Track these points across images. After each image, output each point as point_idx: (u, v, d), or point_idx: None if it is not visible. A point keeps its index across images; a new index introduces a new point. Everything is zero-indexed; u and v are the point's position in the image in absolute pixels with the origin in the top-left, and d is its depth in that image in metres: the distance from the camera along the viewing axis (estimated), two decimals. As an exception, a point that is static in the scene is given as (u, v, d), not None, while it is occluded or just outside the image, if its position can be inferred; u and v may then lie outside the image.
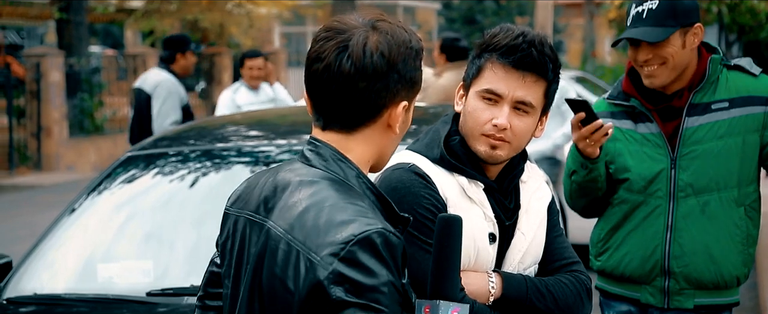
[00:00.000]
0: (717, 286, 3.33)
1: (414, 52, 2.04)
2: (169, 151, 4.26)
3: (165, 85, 7.97)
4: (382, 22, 2.03)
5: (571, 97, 7.88)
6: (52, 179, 15.12)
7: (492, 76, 2.50)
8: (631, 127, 3.36)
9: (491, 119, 2.49)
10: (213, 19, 22.62)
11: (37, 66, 15.73)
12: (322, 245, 1.87)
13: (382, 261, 1.86)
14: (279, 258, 1.93)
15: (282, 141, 4.33)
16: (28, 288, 3.74)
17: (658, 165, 3.30)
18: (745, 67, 3.33)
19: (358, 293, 1.84)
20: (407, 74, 2.02)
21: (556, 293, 2.56)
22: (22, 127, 16.06)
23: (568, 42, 38.31)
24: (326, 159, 2.02)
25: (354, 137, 2.03)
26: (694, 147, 3.28)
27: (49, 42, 24.24)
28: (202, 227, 3.87)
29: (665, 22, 3.20)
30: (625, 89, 3.38)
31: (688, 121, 3.28)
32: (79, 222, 4.02)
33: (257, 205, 2.04)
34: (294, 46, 33.60)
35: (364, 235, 1.86)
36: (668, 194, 3.30)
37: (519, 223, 2.60)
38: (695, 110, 3.29)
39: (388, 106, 2.01)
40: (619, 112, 3.39)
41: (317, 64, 2.00)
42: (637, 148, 3.34)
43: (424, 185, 2.47)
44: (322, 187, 1.97)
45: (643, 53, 3.24)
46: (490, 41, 2.52)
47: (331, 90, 1.99)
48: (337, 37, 1.99)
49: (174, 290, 3.53)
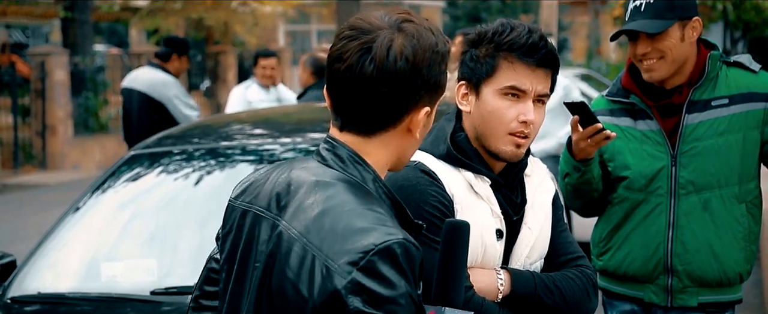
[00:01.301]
0: (720, 283, 3.32)
1: (440, 56, 1.94)
2: (173, 150, 4.26)
3: (170, 87, 8.02)
4: (409, 23, 1.93)
5: (575, 95, 7.90)
6: (57, 178, 15.13)
7: (513, 73, 2.49)
8: (631, 124, 3.34)
9: (517, 116, 2.49)
10: (218, 18, 22.62)
11: (42, 65, 15.74)
12: (341, 252, 1.81)
13: (402, 273, 1.80)
14: (292, 261, 1.87)
15: (286, 139, 4.32)
16: (32, 287, 3.74)
17: (659, 163, 3.29)
18: (745, 64, 3.32)
19: (375, 304, 1.78)
20: (431, 79, 1.93)
21: (563, 288, 2.57)
22: (27, 126, 16.08)
23: (572, 39, 38.28)
24: (343, 160, 1.95)
25: (372, 141, 1.96)
26: (694, 144, 3.26)
27: (54, 41, 24.25)
28: (206, 226, 3.86)
29: (663, 15, 3.19)
30: (625, 84, 3.37)
31: (688, 118, 3.26)
32: (83, 221, 4.02)
33: (268, 201, 1.98)
34: (299, 44, 33.60)
35: (386, 245, 1.80)
36: (669, 191, 3.28)
37: (525, 218, 2.61)
38: (695, 107, 3.27)
39: (409, 111, 1.94)
40: (619, 109, 3.37)
41: (339, 63, 1.92)
42: (637, 145, 3.32)
43: (431, 182, 2.47)
44: (340, 190, 1.90)
45: (641, 46, 3.23)
46: (502, 40, 2.50)
47: (352, 92, 1.91)
48: (361, 37, 1.91)
49: (178, 289, 3.52)
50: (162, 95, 8.02)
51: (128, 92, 8.13)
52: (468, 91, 2.57)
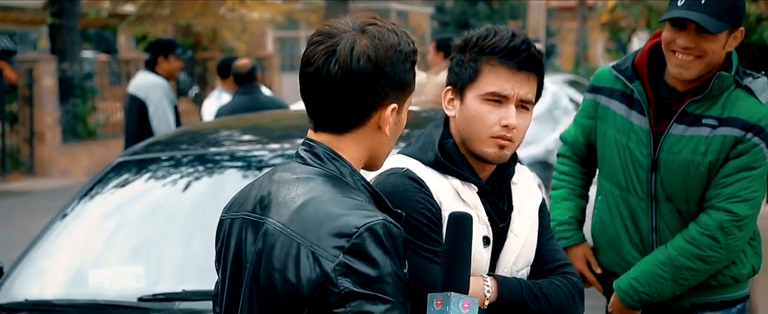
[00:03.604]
0: (709, 286, 3.28)
1: (403, 55, 2.06)
2: (161, 156, 4.25)
3: (156, 88, 8.00)
4: (372, 26, 2.05)
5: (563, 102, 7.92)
6: (46, 185, 15.08)
7: (494, 77, 2.51)
8: (624, 113, 3.25)
9: (499, 120, 2.51)
10: (206, 24, 22.58)
11: (30, 71, 15.69)
12: (325, 237, 1.93)
13: (386, 252, 1.92)
14: (278, 252, 1.97)
15: (275, 145, 4.32)
16: (19, 294, 3.72)
17: (639, 165, 3.23)
18: (754, 91, 3.16)
19: (365, 284, 1.90)
20: (396, 77, 2.05)
21: (550, 295, 2.58)
22: (15, 133, 16.02)
23: (560, 45, 38.35)
24: (321, 157, 2.06)
25: (345, 138, 2.07)
26: (671, 156, 3.18)
27: (42, 47, 24.18)
28: (194, 232, 3.86)
29: (722, 17, 3.03)
30: (637, 64, 3.23)
31: (675, 128, 3.18)
32: (70, 228, 4.01)
33: (253, 205, 2.08)
34: (287, 50, 33.57)
35: (368, 226, 1.92)
36: (648, 195, 3.23)
37: (512, 225, 2.62)
38: (685, 119, 3.17)
39: (376, 108, 2.05)
40: (619, 92, 3.27)
41: (308, 67, 2.05)
42: (623, 139, 3.24)
43: (419, 190, 2.49)
44: (319, 183, 2.02)
45: (687, 39, 3.06)
46: (484, 44, 2.52)
47: (321, 93, 2.04)
48: (326, 41, 2.04)
49: (165, 295, 3.51)
50: (147, 96, 8.01)
51: (128, 98, 8.19)
52: (454, 96, 2.59)
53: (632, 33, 21.45)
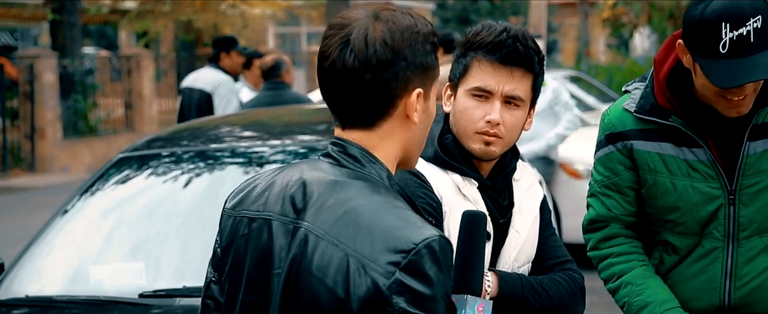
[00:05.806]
0: None
1: (421, 36, 1.94)
2: (162, 152, 4.24)
3: (225, 85, 8.24)
4: (385, 11, 1.94)
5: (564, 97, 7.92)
6: (47, 181, 15.09)
7: (480, 73, 2.52)
8: (675, 152, 2.71)
9: (484, 116, 2.52)
10: (207, 20, 22.58)
11: (31, 67, 15.70)
12: (379, 251, 1.80)
13: (441, 270, 1.80)
14: (322, 262, 1.83)
15: (276, 141, 4.31)
16: (20, 290, 3.72)
17: (714, 203, 2.70)
18: None
19: (418, 304, 1.78)
20: (416, 59, 1.92)
21: (551, 291, 2.58)
22: (16, 129, 16.03)
23: (562, 41, 38.33)
24: (358, 159, 1.94)
25: (376, 133, 1.94)
26: (759, 177, 2.70)
27: (43, 43, 24.20)
28: (194, 229, 3.85)
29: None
30: (662, 103, 2.70)
31: (751, 147, 2.68)
32: (71, 224, 4.01)
33: (282, 206, 1.93)
34: (288, 46, 33.58)
35: (426, 243, 1.80)
36: (727, 235, 2.72)
37: (513, 221, 2.62)
38: (759, 132, 2.69)
39: (401, 95, 1.92)
40: (654, 131, 2.73)
41: (324, 62, 1.94)
42: (685, 181, 2.71)
43: (420, 184, 2.49)
44: (361, 188, 1.89)
45: (741, 88, 2.57)
46: (474, 39, 2.54)
47: (341, 86, 1.92)
48: (339, 32, 1.93)
49: (166, 291, 3.51)
50: (216, 90, 8.24)
51: (189, 91, 8.36)
52: (451, 92, 2.61)
53: (634, 29, 21.50)
